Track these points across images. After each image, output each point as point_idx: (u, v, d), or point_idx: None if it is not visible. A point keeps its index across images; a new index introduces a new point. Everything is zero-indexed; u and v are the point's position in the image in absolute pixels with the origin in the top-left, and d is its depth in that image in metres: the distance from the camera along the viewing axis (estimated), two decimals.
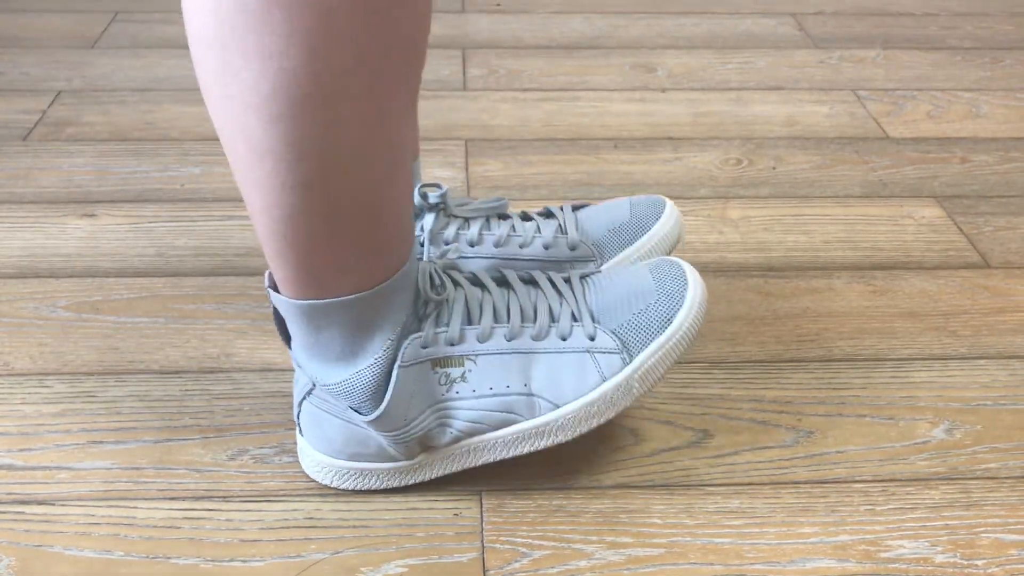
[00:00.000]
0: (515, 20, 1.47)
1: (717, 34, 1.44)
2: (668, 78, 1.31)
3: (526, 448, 0.66)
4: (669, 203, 0.74)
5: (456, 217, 0.74)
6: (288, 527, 0.66)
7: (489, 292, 0.66)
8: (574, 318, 0.65)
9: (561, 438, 0.66)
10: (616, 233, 0.72)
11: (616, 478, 0.70)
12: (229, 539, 0.65)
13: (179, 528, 0.66)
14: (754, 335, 0.85)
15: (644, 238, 0.72)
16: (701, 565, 0.64)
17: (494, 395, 0.65)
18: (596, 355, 0.65)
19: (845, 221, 1.01)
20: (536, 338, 0.65)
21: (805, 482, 0.71)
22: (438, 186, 0.73)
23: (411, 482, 0.68)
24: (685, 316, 0.66)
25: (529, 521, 0.67)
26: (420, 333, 0.64)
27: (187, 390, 0.77)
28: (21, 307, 0.86)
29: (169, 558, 0.64)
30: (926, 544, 0.66)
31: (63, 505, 0.67)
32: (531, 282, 0.67)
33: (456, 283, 0.66)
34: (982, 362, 0.82)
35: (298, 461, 0.70)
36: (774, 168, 1.11)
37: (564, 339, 0.65)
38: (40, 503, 0.67)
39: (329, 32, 0.52)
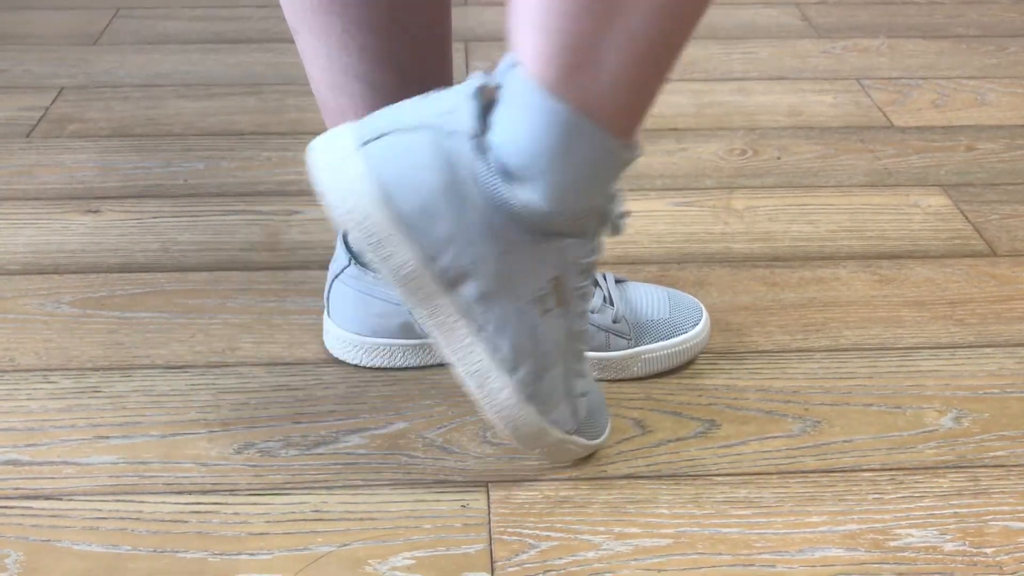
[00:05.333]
0: None
1: (720, 24, 1.43)
2: None
3: (477, 387, 0.63)
4: (706, 312, 0.80)
5: None
6: (295, 520, 0.66)
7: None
8: (582, 372, 0.68)
9: (492, 411, 0.63)
10: (654, 325, 0.78)
11: (623, 469, 0.70)
12: (236, 532, 0.65)
13: (186, 522, 0.66)
14: (760, 325, 0.85)
15: (678, 339, 0.78)
16: (709, 555, 0.64)
17: (536, 345, 0.62)
18: (567, 407, 0.67)
19: (850, 210, 1.01)
20: (576, 354, 0.66)
21: (813, 471, 0.70)
22: None
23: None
24: (598, 444, 0.71)
25: (536, 512, 0.67)
26: (586, 250, 0.61)
27: (193, 384, 0.77)
28: (26, 303, 0.86)
29: (176, 552, 0.64)
30: (935, 532, 0.66)
31: (70, 500, 0.67)
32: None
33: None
34: (989, 350, 0.82)
35: (304, 454, 0.70)
36: (779, 158, 1.10)
37: (577, 375, 0.67)
38: (47, 498, 0.67)
39: None
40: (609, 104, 0.56)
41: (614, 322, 0.77)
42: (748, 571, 0.63)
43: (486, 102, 0.58)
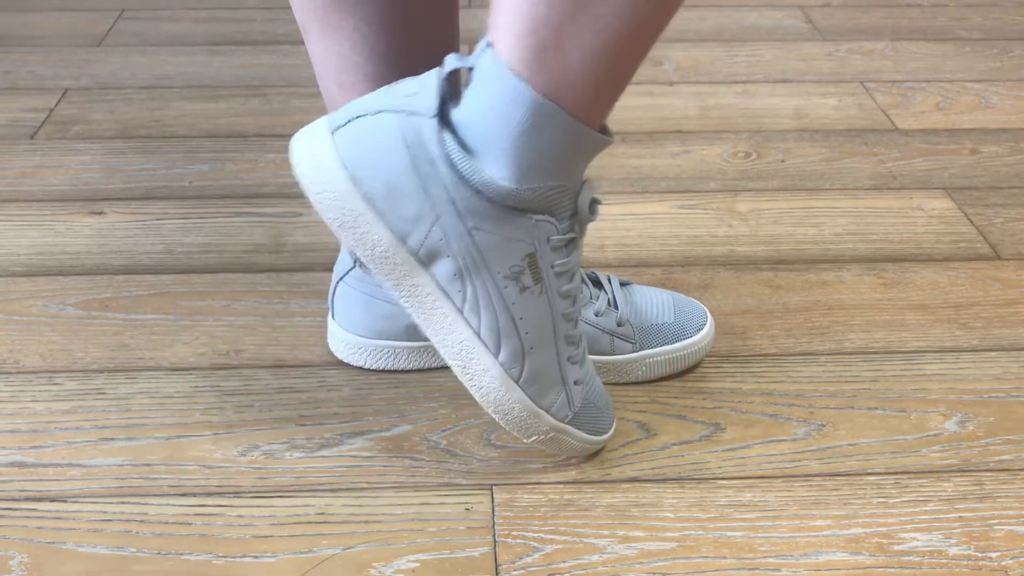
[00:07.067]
0: None
1: (724, 27, 1.43)
2: (675, 71, 1.30)
3: (460, 367, 0.64)
4: (710, 317, 0.80)
5: None
6: (299, 523, 0.66)
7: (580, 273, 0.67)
8: (582, 360, 0.68)
9: (481, 395, 0.65)
10: (659, 329, 0.78)
11: (627, 472, 0.70)
12: (241, 535, 0.65)
13: (191, 524, 0.66)
14: (764, 328, 0.84)
15: (684, 343, 0.78)
16: (714, 559, 0.64)
17: (515, 324, 0.63)
18: (562, 395, 0.67)
19: (855, 213, 1.01)
20: (566, 339, 0.66)
21: (817, 475, 0.70)
22: None
23: (374, 266, 0.62)
24: (604, 440, 0.71)
25: (541, 516, 0.67)
26: (559, 230, 0.62)
27: (197, 387, 0.77)
28: (30, 305, 0.86)
29: (181, 554, 0.64)
30: (939, 536, 0.66)
31: (75, 502, 0.67)
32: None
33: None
34: (994, 354, 0.82)
35: (308, 456, 0.71)
36: (783, 161, 1.10)
37: (569, 360, 0.67)
38: (52, 500, 0.67)
39: None
40: (576, 90, 0.58)
41: (619, 325, 0.77)
42: (753, 575, 0.63)
43: (455, 83, 0.60)
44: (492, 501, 0.68)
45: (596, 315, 0.76)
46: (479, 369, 0.64)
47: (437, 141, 0.59)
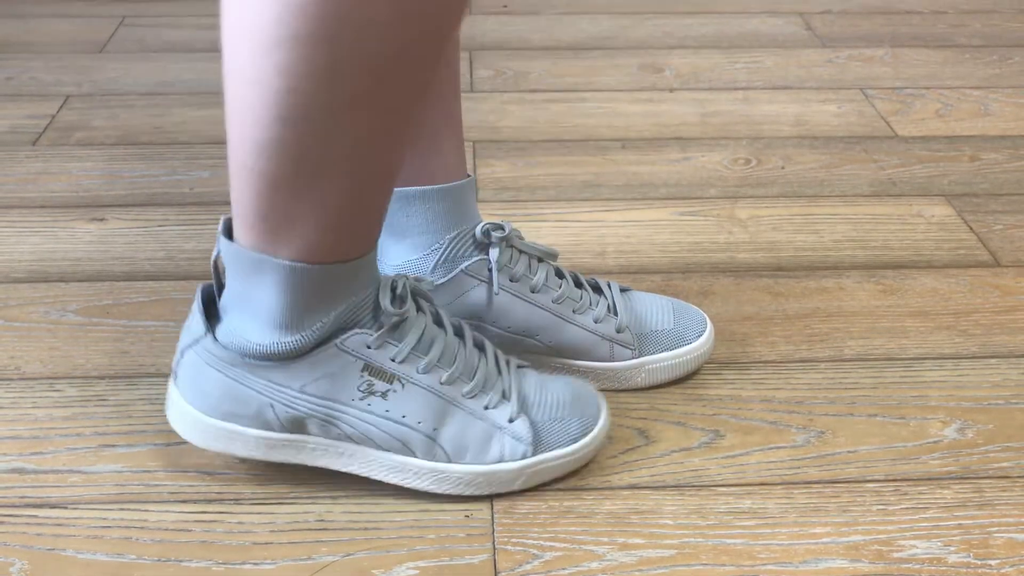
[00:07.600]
0: (522, 21, 1.47)
1: (724, 34, 1.44)
2: (676, 78, 1.31)
3: (401, 481, 0.67)
4: (710, 323, 0.79)
5: (522, 253, 0.76)
6: (299, 529, 0.66)
7: (445, 332, 0.68)
8: (504, 396, 0.68)
9: (437, 488, 0.67)
10: (658, 335, 0.77)
11: (627, 479, 0.70)
12: (240, 542, 0.65)
13: (190, 531, 0.66)
14: (764, 335, 0.85)
15: (683, 349, 0.78)
16: (713, 566, 0.64)
17: (402, 424, 0.65)
18: (506, 436, 0.67)
19: (854, 220, 1.01)
20: (466, 395, 0.67)
21: (817, 482, 0.70)
22: (502, 227, 0.74)
23: (275, 459, 0.67)
24: (590, 441, 0.70)
25: (540, 522, 0.67)
26: (371, 334, 0.64)
27: None
28: (32, 311, 0.86)
29: (181, 561, 0.64)
30: (939, 544, 0.66)
31: (75, 508, 0.67)
32: (479, 346, 0.70)
33: (419, 308, 0.67)
34: (993, 361, 0.82)
35: (308, 464, 0.71)
36: (783, 168, 1.10)
37: (487, 408, 0.67)
38: (52, 507, 0.67)
39: None
40: (324, 246, 0.61)
41: (618, 332, 0.77)
42: None
43: (218, 276, 0.65)
44: (492, 508, 0.68)
45: (595, 321, 0.76)
46: (414, 474, 0.67)
47: (219, 350, 0.64)
